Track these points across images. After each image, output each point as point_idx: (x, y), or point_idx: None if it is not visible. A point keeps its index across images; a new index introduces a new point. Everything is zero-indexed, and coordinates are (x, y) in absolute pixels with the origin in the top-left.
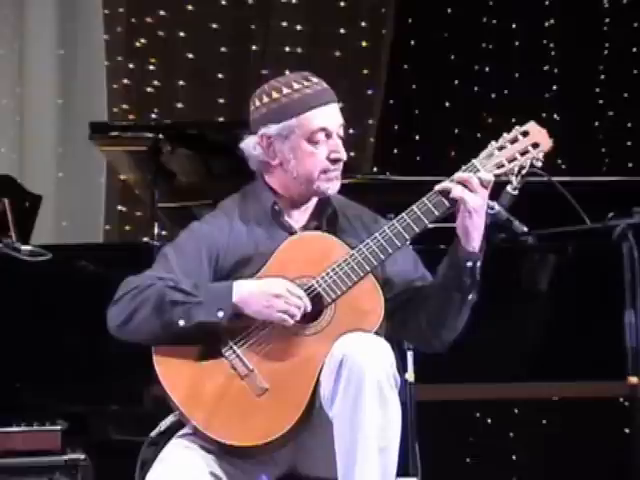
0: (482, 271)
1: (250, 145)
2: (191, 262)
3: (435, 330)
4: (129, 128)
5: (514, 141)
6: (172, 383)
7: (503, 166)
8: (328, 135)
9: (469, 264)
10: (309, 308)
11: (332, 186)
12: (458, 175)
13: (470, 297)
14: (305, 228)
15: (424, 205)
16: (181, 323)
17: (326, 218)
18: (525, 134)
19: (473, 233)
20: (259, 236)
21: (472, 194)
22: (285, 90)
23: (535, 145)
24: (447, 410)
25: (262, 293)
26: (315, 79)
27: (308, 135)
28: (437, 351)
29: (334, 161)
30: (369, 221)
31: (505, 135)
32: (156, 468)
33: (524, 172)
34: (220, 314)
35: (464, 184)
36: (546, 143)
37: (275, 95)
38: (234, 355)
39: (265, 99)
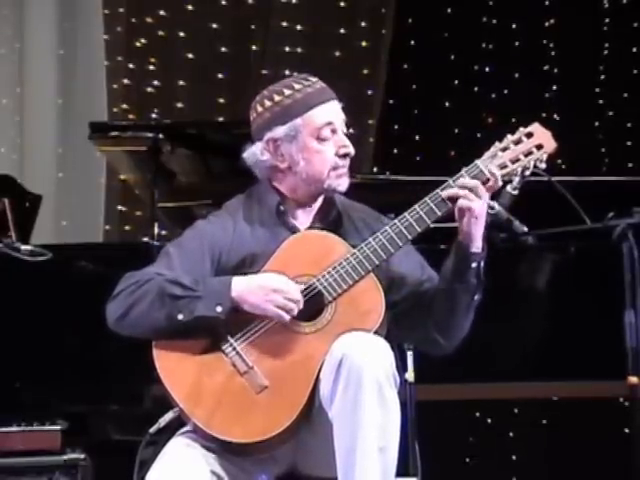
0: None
1: (256, 153)
2: (193, 261)
3: (444, 333)
4: (129, 128)
5: (518, 142)
6: (172, 380)
7: (506, 167)
8: (334, 131)
9: (474, 265)
10: (301, 305)
11: (342, 182)
12: (463, 182)
13: (477, 297)
14: (309, 229)
15: (426, 205)
16: (180, 317)
17: (330, 220)
18: (529, 135)
19: (477, 235)
20: (262, 236)
21: (478, 201)
22: (287, 92)
23: (539, 146)
24: (447, 410)
25: (260, 287)
26: (313, 79)
27: (316, 132)
28: (445, 352)
29: (343, 156)
30: (372, 221)
31: (509, 136)
32: (157, 466)
33: (527, 173)
34: (219, 309)
35: (470, 190)
36: (550, 144)
37: (277, 98)
38: (234, 352)
39: (267, 103)
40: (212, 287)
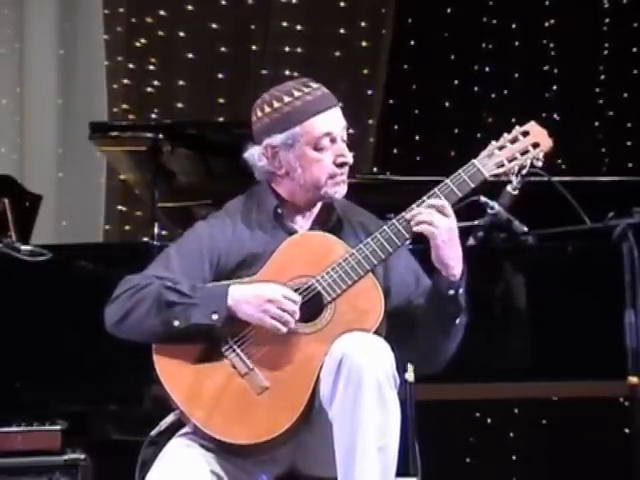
0: (468, 293)
1: (255, 156)
2: (192, 263)
3: (427, 356)
4: (129, 128)
5: (514, 141)
6: (172, 381)
7: (503, 165)
8: (333, 140)
9: (451, 292)
10: (297, 317)
11: (339, 190)
12: (415, 215)
13: (458, 321)
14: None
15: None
16: (176, 324)
17: (330, 225)
18: (525, 134)
19: (450, 262)
20: (261, 238)
21: (439, 227)
22: (286, 99)
23: (535, 145)
24: (447, 410)
25: (256, 297)
26: (314, 84)
27: (313, 142)
28: (432, 372)
29: (340, 165)
30: (372, 226)
31: (505, 135)
32: (157, 467)
33: (524, 172)
34: (214, 317)
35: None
36: (546, 143)
37: (277, 104)
38: (234, 354)
39: (267, 109)
40: (209, 295)
